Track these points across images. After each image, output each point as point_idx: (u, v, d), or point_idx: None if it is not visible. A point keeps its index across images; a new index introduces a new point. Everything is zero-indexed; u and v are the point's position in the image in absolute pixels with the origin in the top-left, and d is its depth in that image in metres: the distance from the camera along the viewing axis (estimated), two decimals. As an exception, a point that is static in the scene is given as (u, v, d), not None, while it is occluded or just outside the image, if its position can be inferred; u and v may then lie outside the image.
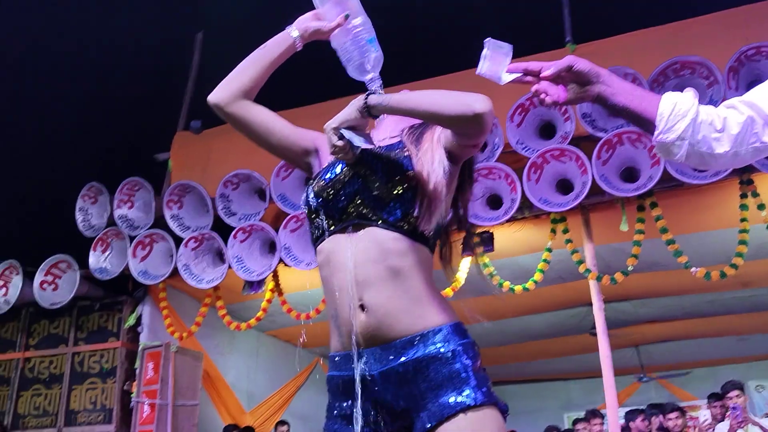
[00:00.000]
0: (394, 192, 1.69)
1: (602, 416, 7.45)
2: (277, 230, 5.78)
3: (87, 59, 7.26)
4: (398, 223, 1.68)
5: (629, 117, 1.56)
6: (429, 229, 1.69)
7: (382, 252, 1.66)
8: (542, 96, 1.56)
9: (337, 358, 1.73)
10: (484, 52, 1.58)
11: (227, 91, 1.84)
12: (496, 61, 1.58)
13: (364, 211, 1.69)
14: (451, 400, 1.55)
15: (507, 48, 1.59)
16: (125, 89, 7.33)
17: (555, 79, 1.55)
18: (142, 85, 7.30)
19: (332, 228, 1.73)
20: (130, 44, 7.22)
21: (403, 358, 1.61)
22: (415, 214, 1.68)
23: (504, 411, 1.60)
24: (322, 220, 1.75)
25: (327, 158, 1.86)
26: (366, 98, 1.67)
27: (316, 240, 1.79)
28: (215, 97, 1.85)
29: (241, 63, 1.89)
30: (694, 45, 5.12)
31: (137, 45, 7.20)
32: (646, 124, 1.53)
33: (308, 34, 1.88)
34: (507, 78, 1.58)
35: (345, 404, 1.68)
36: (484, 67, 1.58)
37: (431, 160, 1.70)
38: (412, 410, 1.60)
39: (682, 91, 1.54)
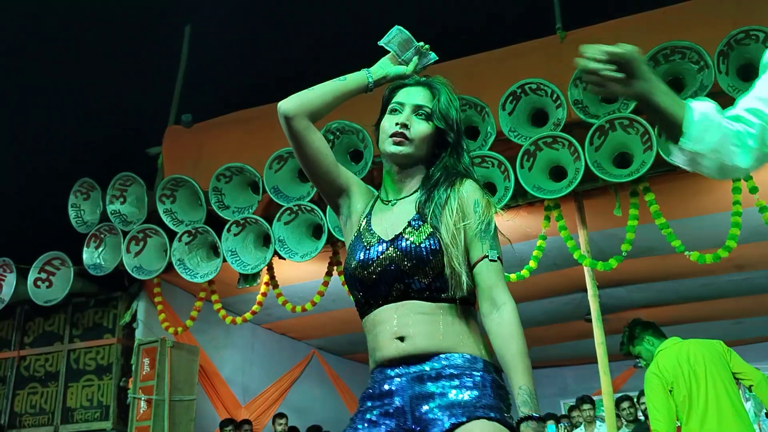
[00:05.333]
0: (435, 271, 1.77)
1: (592, 402, 7.51)
2: (270, 223, 5.77)
3: (77, 55, 7.22)
4: (443, 295, 1.77)
5: (657, 117, 1.55)
6: (464, 291, 1.77)
7: (428, 313, 1.77)
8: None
9: (373, 374, 1.82)
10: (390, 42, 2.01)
11: (299, 106, 1.89)
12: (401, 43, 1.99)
13: (409, 291, 1.78)
14: (470, 408, 1.65)
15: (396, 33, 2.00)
16: (115, 84, 7.30)
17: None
18: (132, 79, 7.28)
19: (378, 303, 1.82)
20: (118, 39, 7.19)
21: (433, 365, 1.72)
22: (451, 292, 1.77)
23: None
24: (364, 296, 1.85)
25: (356, 206, 1.97)
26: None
27: (361, 309, 1.87)
28: (287, 107, 1.88)
29: (319, 86, 1.94)
30: (684, 29, 5.11)
31: (126, 39, 7.17)
32: (672, 128, 1.53)
33: (382, 82, 2.01)
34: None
35: (375, 411, 1.75)
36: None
37: (455, 246, 1.78)
38: (432, 412, 1.68)
39: (671, 81, 1.54)
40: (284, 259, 5.83)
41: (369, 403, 1.77)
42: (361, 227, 1.90)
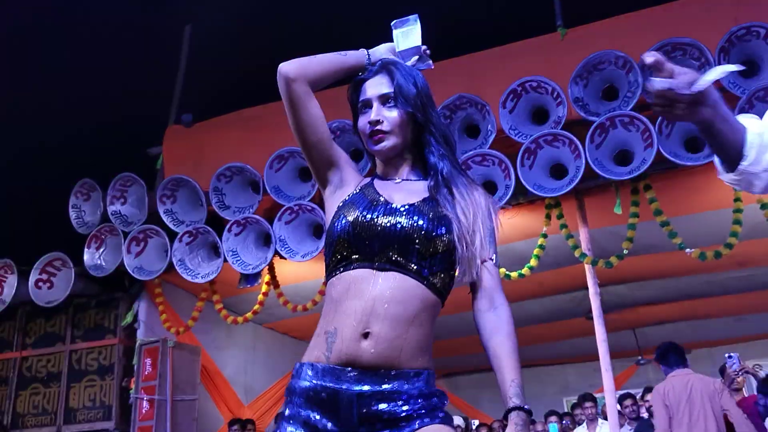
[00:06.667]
0: (435, 250, 1.74)
1: (594, 399, 7.52)
2: (271, 222, 5.77)
3: (76, 55, 7.22)
4: (430, 278, 1.73)
5: (716, 142, 1.53)
6: (450, 287, 1.79)
7: (406, 297, 1.70)
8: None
9: (319, 368, 1.70)
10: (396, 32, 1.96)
11: (302, 69, 1.86)
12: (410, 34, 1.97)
13: (400, 260, 1.72)
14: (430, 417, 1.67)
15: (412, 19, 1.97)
16: (115, 84, 7.29)
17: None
18: (132, 79, 7.27)
19: (362, 261, 1.74)
20: (118, 39, 7.18)
21: (391, 385, 1.66)
22: (453, 275, 1.78)
23: None
24: (351, 251, 1.76)
25: (348, 184, 1.92)
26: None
27: (336, 265, 1.78)
28: (289, 69, 1.85)
29: (321, 55, 1.92)
30: (685, 26, 5.10)
31: (126, 39, 7.16)
32: (729, 152, 1.52)
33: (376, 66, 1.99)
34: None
35: (316, 415, 1.67)
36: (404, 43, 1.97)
37: (477, 239, 1.78)
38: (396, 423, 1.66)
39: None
40: (285, 258, 5.83)
41: (316, 412, 1.66)
42: (364, 189, 1.87)
